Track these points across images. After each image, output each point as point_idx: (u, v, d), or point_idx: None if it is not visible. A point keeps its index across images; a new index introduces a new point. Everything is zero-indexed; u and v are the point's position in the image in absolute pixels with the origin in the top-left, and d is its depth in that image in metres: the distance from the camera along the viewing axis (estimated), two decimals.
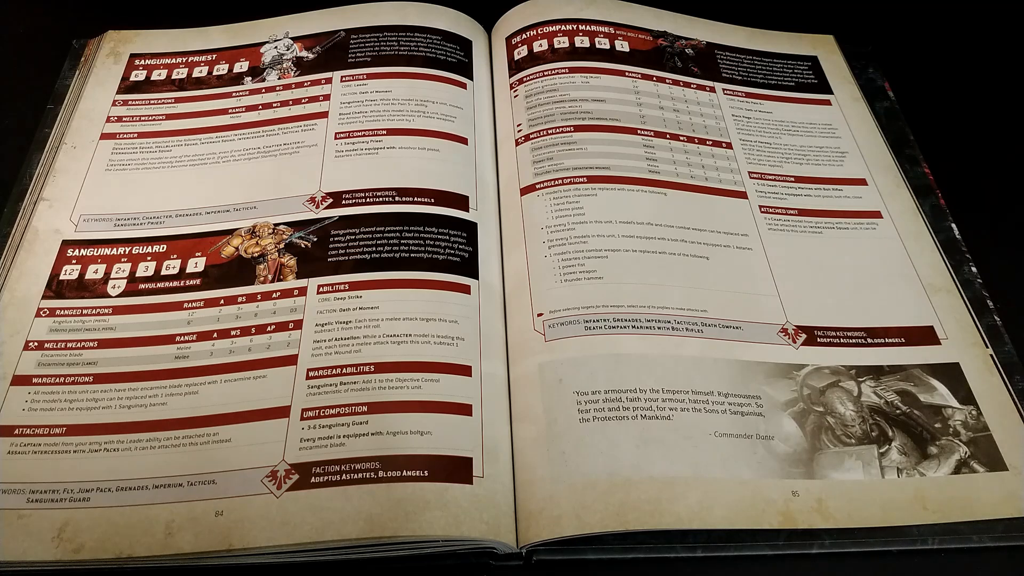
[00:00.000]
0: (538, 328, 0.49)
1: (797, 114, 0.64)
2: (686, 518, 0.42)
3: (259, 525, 0.42)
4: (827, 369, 0.49)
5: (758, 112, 0.64)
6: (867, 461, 0.46)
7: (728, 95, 0.64)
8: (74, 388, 0.47)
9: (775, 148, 0.61)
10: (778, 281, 0.53)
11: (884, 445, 0.46)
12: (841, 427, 0.47)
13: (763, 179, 0.59)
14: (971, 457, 0.46)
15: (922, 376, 0.49)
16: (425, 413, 0.45)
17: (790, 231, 0.56)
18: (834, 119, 0.64)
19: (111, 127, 0.60)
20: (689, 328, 0.49)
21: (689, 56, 0.66)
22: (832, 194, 0.59)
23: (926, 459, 0.46)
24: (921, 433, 0.47)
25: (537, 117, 0.60)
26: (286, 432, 0.45)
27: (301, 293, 0.50)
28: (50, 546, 0.41)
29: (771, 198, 0.58)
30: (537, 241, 0.53)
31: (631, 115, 0.61)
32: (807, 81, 0.67)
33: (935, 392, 0.49)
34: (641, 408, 0.46)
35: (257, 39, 0.66)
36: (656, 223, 0.54)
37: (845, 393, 0.48)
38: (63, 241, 0.53)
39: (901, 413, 0.48)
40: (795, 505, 0.43)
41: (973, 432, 0.47)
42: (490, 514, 0.42)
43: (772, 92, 0.65)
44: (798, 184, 0.59)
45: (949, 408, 0.48)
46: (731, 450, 0.45)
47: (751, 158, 0.60)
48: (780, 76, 0.67)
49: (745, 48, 0.68)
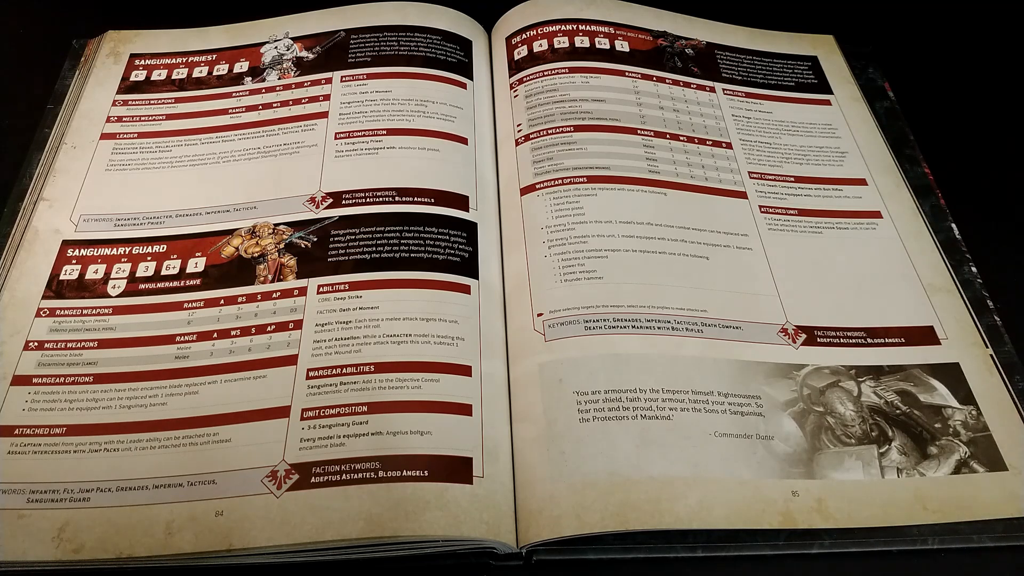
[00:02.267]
0: (538, 328, 0.49)
1: (797, 114, 0.64)
2: (686, 518, 0.42)
3: (259, 525, 0.42)
4: (827, 369, 0.49)
5: (758, 112, 0.64)
6: (867, 461, 0.45)
7: (728, 95, 0.64)
8: (74, 388, 0.47)
9: (775, 148, 0.61)
10: (778, 281, 0.53)
11: (884, 445, 0.46)
12: (841, 427, 0.47)
13: (763, 179, 0.59)
14: (971, 457, 0.46)
15: (922, 376, 0.49)
16: (425, 413, 0.45)
17: (790, 231, 0.56)
18: (834, 119, 0.64)
19: (111, 127, 0.60)
20: (689, 328, 0.49)
21: (689, 56, 0.66)
22: (832, 194, 0.59)
23: (926, 459, 0.46)
24: (921, 433, 0.47)
25: (537, 117, 0.60)
26: (286, 432, 0.45)
27: (301, 293, 0.50)
28: (50, 546, 0.41)
29: (771, 198, 0.58)
30: (537, 241, 0.53)
31: (631, 115, 0.60)
32: (807, 81, 0.67)
33: (935, 392, 0.49)
34: (641, 408, 0.46)
35: (257, 39, 0.66)
36: (656, 223, 0.54)
37: (845, 393, 0.48)
38: (63, 241, 0.53)
39: (901, 413, 0.48)
40: (795, 505, 0.43)
41: (973, 432, 0.47)
42: (490, 514, 0.42)
43: (772, 92, 0.65)
44: (798, 184, 0.59)
45: (949, 408, 0.48)
46: (731, 450, 0.45)
47: (751, 158, 0.60)
48: (780, 76, 0.67)
49: (745, 48, 0.68)
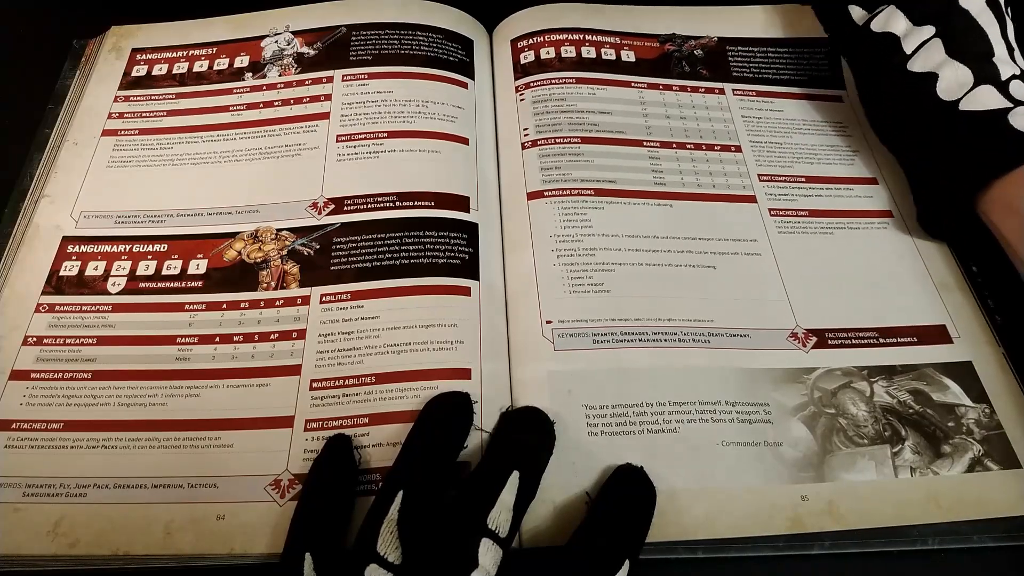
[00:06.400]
0: (547, 335, 0.49)
1: (808, 112, 0.63)
2: (692, 529, 0.42)
3: (261, 532, 0.41)
4: (839, 371, 0.49)
5: (768, 111, 0.63)
6: (880, 461, 0.45)
7: (738, 95, 0.64)
8: (72, 384, 0.47)
9: (786, 148, 0.61)
10: (787, 285, 0.53)
11: (897, 444, 0.46)
12: (853, 428, 0.46)
13: (773, 181, 0.58)
14: (985, 455, 0.45)
15: (935, 375, 0.49)
16: None
17: (801, 233, 0.56)
18: (845, 116, 0.63)
19: (112, 123, 0.60)
20: (696, 339, 0.49)
21: (698, 58, 0.66)
22: (843, 194, 0.58)
23: (940, 458, 0.45)
24: (934, 432, 0.46)
25: (545, 124, 0.60)
26: (290, 442, 0.44)
27: (304, 302, 0.50)
28: (45, 540, 0.41)
29: (781, 200, 0.57)
30: (546, 249, 0.53)
31: (637, 127, 0.60)
32: (821, 74, 0.65)
33: (948, 391, 0.48)
34: (647, 422, 0.45)
35: (258, 32, 0.65)
36: (662, 235, 0.54)
37: (857, 394, 0.48)
38: (63, 237, 0.53)
39: (914, 412, 0.47)
40: (804, 509, 0.43)
41: (986, 430, 0.46)
42: None
43: (783, 89, 0.65)
44: (809, 184, 0.59)
45: (962, 407, 0.47)
46: (739, 459, 0.44)
47: (761, 160, 0.60)
48: (794, 69, 0.66)
49: (760, 38, 0.67)
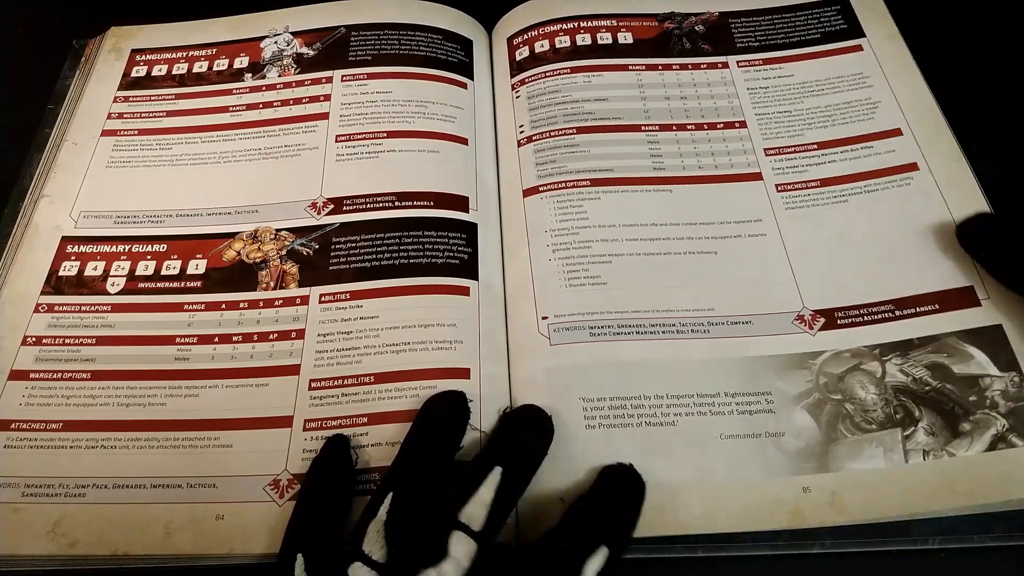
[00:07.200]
0: (543, 331, 0.48)
1: (823, 70, 0.60)
2: (691, 524, 0.41)
3: (261, 532, 0.41)
4: (847, 353, 0.47)
5: (777, 79, 0.61)
6: (889, 447, 0.43)
7: (743, 67, 0.61)
8: (71, 384, 0.47)
9: (796, 116, 0.58)
10: (794, 265, 0.51)
11: (909, 427, 0.44)
12: (861, 413, 0.45)
13: (781, 154, 0.56)
14: (1009, 430, 0.43)
15: (957, 344, 0.46)
16: None
17: (811, 205, 0.53)
18: (866, 66, 0.60)
19: (112, 124, 0.60)
20: (695, 329, 0.48)
21: (699, 33, 0.64)
22: (861, 154, 0.56)
23: (957, 437, 0.43)
24: (953, 409, 0.44)
25: (539, 119, 0.59)
26: (289, 442, 0.44)
27: (303, 302, 0.50)
28: (44, 540, 0.41)
29: (789, 173, 0.55)
30: (541, 244, 0.52)
31: (635, 111, 0.59)
32: (835, 29, 0.63)
33: (972, 361, 0.46)
34: (645, 415, 0.45)
35: (257, 32, 0.65)
36: (661, 223, 0.53)
37: (867, 376, 0.46)
38: (63, 237, 0.53)
39: (931, 389, 0.45)
40: (805, 502, 0.42)
41: (1014, 401, 0.44)
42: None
43: (794, 52, 0.62)
44: (821, 151, 0.56)
45: (987, 377, 0.45)
46: (738, 452, 0.44)
47: (768, 133, 0.58)
48: (804, 30, 0.63)
49: (764, 8, 0.65)
